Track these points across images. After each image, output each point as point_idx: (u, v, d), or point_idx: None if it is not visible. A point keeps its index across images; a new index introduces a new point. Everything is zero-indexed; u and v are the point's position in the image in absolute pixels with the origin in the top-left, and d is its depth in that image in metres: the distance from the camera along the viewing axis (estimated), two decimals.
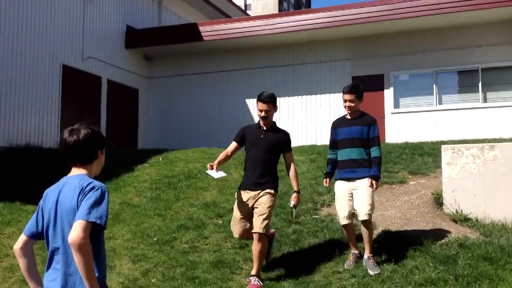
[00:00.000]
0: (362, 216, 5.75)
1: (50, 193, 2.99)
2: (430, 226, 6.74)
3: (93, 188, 2.81)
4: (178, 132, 17.34)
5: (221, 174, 5.68)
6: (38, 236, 2.96)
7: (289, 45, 16.61)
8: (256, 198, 5.63)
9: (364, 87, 6.45)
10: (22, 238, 2.97)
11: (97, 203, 2.74)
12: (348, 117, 6.07)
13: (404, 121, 15.52)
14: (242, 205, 5.73)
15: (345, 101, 6.01)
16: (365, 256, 5.76)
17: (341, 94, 6.25)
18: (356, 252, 5.96)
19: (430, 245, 5.93)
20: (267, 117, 5.74)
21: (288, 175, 5.84)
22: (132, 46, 17.22)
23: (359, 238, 6.14)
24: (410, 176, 9.08)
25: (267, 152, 5.73)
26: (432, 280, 5.10)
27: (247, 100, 16.96)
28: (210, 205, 8.13)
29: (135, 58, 17.66)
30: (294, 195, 5.72)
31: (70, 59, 15.05)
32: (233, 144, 5.96)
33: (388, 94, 15.66)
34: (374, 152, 5.86)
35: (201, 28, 16.51)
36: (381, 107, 15.63)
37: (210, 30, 16.43)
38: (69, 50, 15.05)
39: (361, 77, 15.60)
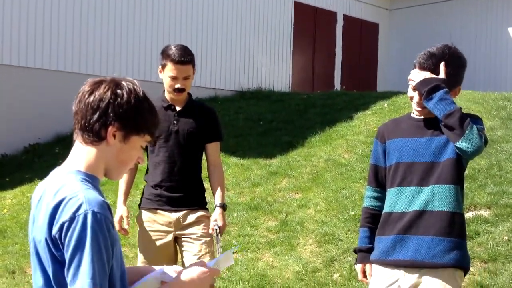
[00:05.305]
0: None
1: (33, 199, 1.75)
2: None
3: (73, 217, 1.53)
4: None
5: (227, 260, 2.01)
6: None
7: None
8: (181, 227, 3.37)
9: None
10: None
11: (86, 254, 1.51)
12: (416, 115, 2.74)
13: None
14: (152, 240, 3.37)
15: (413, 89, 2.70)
16: None
17: None
18: None
19: None
20: (185, 89, 3.41)
21: (210, 179, 3.50)
22: None
23: None
24: None
25: (186, 147, 3.42)
26: None
27: (510, 30, 13.66)
28: None
29: None
30: (218, 212, 3.37)
31: None
32: None
33: None
34: None
35: None
36: None
37: None
38: None
39: None
